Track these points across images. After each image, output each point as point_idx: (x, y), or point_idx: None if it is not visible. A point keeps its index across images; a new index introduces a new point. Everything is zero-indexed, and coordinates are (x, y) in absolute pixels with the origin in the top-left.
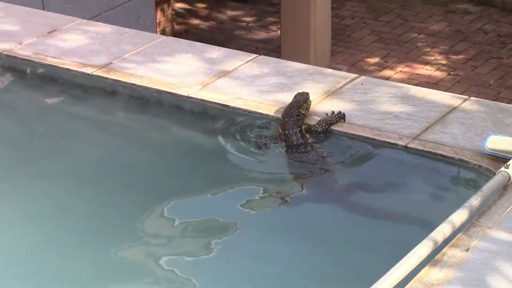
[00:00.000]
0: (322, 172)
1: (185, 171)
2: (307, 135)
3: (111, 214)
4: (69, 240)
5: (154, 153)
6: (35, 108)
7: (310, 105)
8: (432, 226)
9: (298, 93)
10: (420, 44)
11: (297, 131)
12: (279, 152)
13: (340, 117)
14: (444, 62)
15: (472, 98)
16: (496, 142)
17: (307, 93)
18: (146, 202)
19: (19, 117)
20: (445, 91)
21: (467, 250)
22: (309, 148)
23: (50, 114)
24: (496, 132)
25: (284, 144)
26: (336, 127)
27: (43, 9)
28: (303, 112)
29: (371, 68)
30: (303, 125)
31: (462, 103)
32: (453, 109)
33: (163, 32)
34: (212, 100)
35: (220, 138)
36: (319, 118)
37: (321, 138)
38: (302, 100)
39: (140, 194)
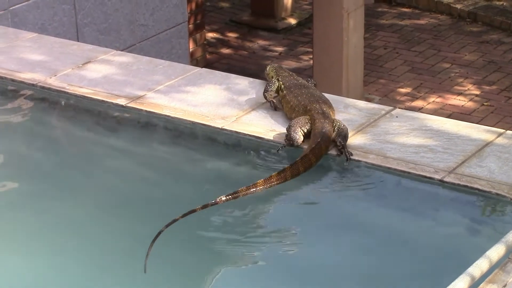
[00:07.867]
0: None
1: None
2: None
3: (143, 246)
4: (101, 273)
5: (188, 185)
6: (69, 140)
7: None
8: (468, 261)
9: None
10: (453, 74)
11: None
12: (312, 185)
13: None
14: (477, 92)
15: (508, 132)
16: None
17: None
18: (181, 234)
19: (53, 149)
20: (478, 122)
21: (504, 286)
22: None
23: (84, 145)
24: None
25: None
26: (370, 160)
27: (78, 40)
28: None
29: (403, 98)
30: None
31: (498, 136)
32: (489, 142)
33: (196, 62)
34: (246, 132)
35: (254, 171)
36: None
37: (356, 172)
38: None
39: (174, 226)
